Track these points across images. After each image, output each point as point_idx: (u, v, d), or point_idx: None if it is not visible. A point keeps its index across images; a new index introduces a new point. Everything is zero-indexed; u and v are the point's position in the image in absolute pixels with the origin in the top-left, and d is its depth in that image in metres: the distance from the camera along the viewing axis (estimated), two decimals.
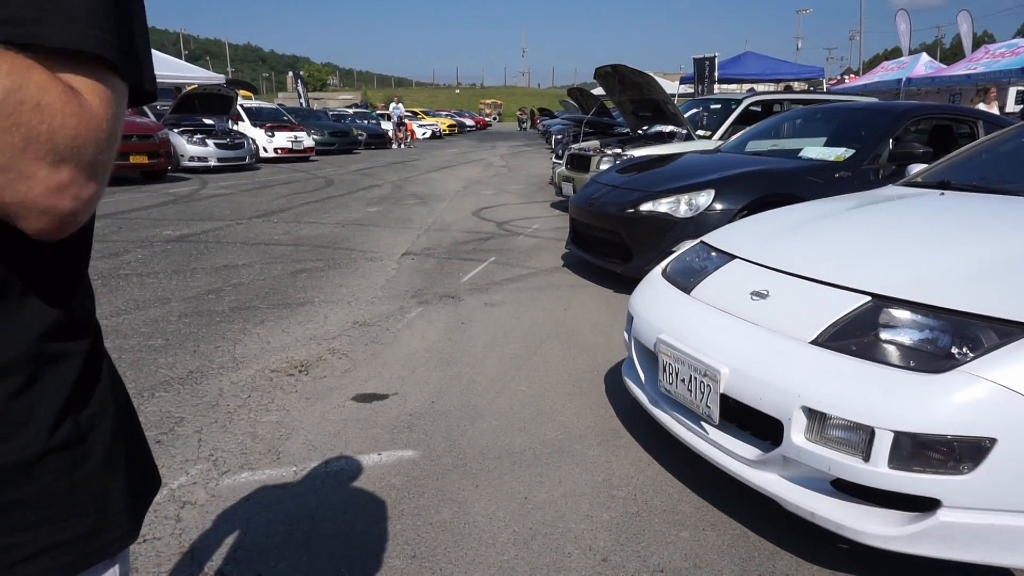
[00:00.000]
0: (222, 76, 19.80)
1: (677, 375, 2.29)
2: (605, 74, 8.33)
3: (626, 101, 8.61)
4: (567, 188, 8.18)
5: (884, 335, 1.92)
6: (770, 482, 2.01)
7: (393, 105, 26.43)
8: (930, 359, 1.80)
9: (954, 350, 1.78)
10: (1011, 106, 19.34)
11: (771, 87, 19.95)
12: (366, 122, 27.41)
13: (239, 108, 17.44)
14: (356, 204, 9.94)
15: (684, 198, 4.70)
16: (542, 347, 3.90)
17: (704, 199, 4.63)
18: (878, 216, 2.72)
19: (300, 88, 33.61)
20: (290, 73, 45.87)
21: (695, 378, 2.20)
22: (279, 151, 17.44)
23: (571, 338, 4.06)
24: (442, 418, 2.98)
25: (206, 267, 5.75)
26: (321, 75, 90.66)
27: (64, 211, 0.56)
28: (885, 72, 23.98)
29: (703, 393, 2.17)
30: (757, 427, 2.12)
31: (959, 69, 20.48)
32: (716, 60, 15.90)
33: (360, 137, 23.25)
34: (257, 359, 3.66)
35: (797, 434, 1.88)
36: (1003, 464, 1.65)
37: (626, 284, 4.98)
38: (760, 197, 4.59)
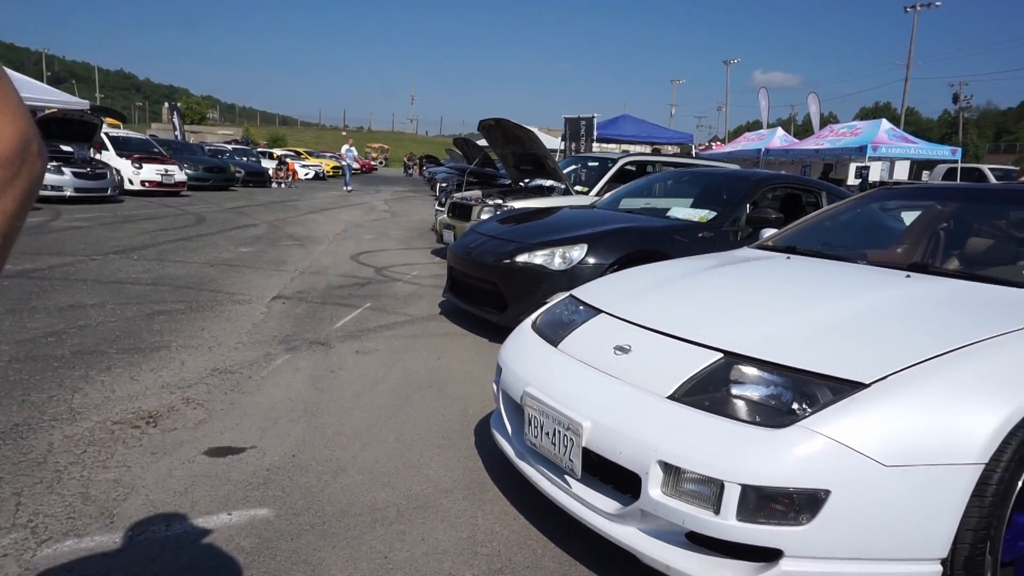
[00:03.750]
0: (87, 102, 18.52)
1: (542, 428, 2.29)
2: (488, 127, 8.51)
3: (508, 154, 8.81)
4: (448, 236, 8.20)
5: (735, 391, 2.02)
6: (629, 535, 2.03)
7: (346, 148, 25.32)
8: (773, 414, 1.89)
9: (795, 406, 1.89)
10: (851, 179, 21.52)
11: (646, 148, 21.13)
12: (245, 159, 26.47)
13: (103, 136, 16.39)
14: (227, 243, 9.49)
15: (558, 251, 4.82)
16: (413, 397, 3.82)
17: (577, 253, 4.77)
18: (731, 277, 2.89)
19: (176, 120, 32.12)
20: (166, 104, 43.86)
21: (559, 431, 2.20)
22: (147, 184, 16.45)
23: (443, 388, 4.00)
24: (302, 473, 2.83)
25: (48, 306, 5.25)
26: (200, 108, 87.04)
27: None
28: (747, 142, 26.10)
29: (566, 447, 2.18)
30: (618, 481, 2.15)
31: (809, 144, 22.61)
32: (595, 120, 16.67)
33: (238, 174, 22.41)
34: (98, 410, 3.34)
35: (654, 488, 1.92)
36: (837, 514, 1.74)
37: (502, 333, 4.99)
38: (630, 253, 4.78)
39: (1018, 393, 1.87)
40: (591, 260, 4.75)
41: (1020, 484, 1.86)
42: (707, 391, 2.04)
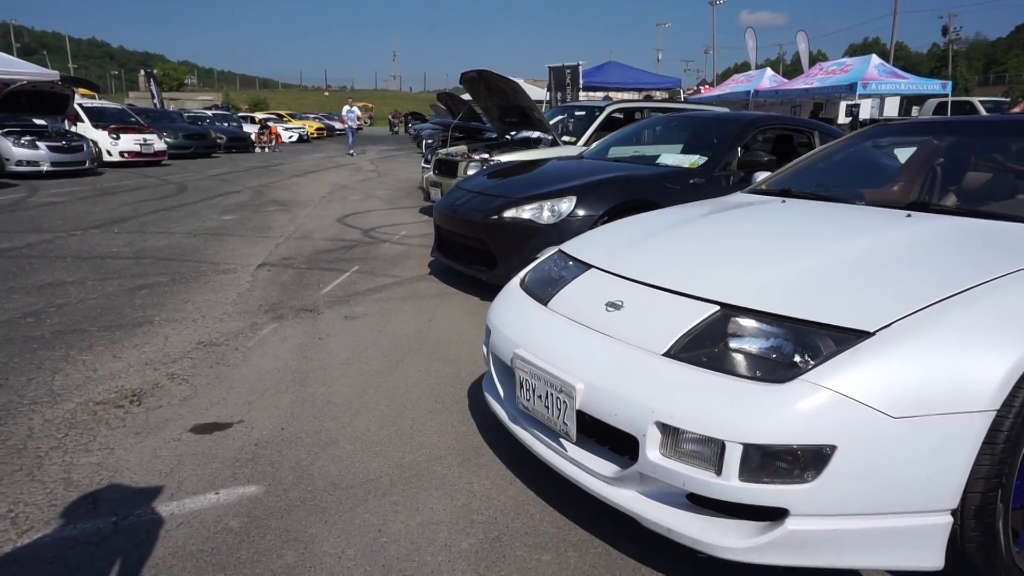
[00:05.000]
0: (56, 72, 17.99)
1: (534, 391, 2.20)
2: (471, 79, 8.26)
3: (492, 107, 8.58)
4: (435, 193, 8.04)
5: (733, 344, 1.92)
6: (628, 499, 1.96)
7: (347, 109, 24.28)
8: (775, 368, 1.81)
9: (796, 358, 1.80)
10: (841, 118, 21.23)
11: (633, 95, 20.74)
12: (226, 124, 25.94)
13: (78, 108, 15.96)
14: (210, 212, 9.30)
15: (546, 204, 4.68)
16: (404, 361, 3.73)
17: (566, 205, 4.64)
18: (725, 224, 2.78)
19: (153, 88, 31.36)
20: (142, 71, 42.80)
21: (551, 394, 2.12)
22: (126, 155, 16.12)
23: (435, 351, 3.92)
24: (291, 446, 2.75)
25: (26, 286, 5.12)
26: (178, 74, 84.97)
27: None
28: (736, 84, 25.68)
29: (559, 410, 2.09)
30: (615, 442, 2.07)
31: (799, 84, 22.27)
32: (580, 68, 16.27)
33: (219, 140, 21.98)
34: (80, 390, 3.25)
35: (652, 450, 1.84)
36: (843, 470, 1.67)
37: (492, 292, 4.89)
38: (620, 203, 4.65)
39: None
40: (580, 212, 4.62)
41: None
42: (704, 346, 1.95)
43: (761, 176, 3.74)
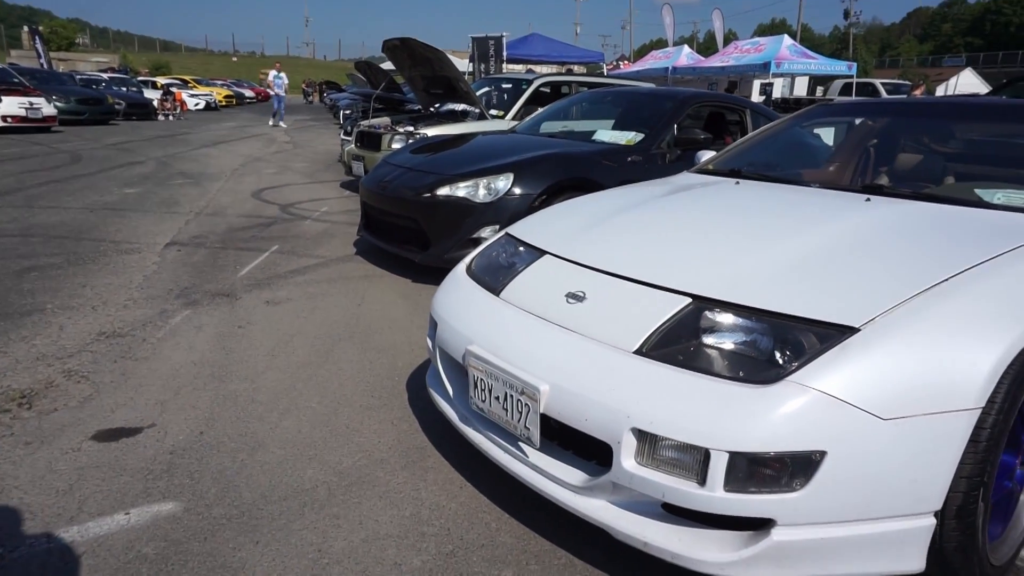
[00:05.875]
0: None
1: (491, 392, 2.01)
2: (394, 47, 7.86)
3: (416, 77, 8.22)
4: (357, 167, 7.65)
5: (709, 341, 1.79)
6: (598, 510, 1.81)
7: (274, 74, 21.44)
8: (758, 368, 1.68)
9: (778, 356, 1.68)
10: (755, 96, 21.81)
11: (555, 69, 20.57)
12: (125, 89, 24.15)
13: None
14: (110, 184, 8.56)
15: (482, 182, 4.46)
16: (335, 351, 3.46)
17: (503, 183, 4.43)
18: (682, 208, 2.64)
19: (39, 46, 28.91)
20: (25, 28, 39.34)
21: (511, 396, 1.93)
22: (9, 119, 14.70)
23: (367, 338, 3.66)
24: (212, 453, 2.46)
25: None
26: (67, 32, 78.54)
27: None
28: (655, 60, 25.95)
29: (520, 413, 1.91)
30: (581, 447, 1.91)
31: (715, 61, 22.71)
32: (504, 40, 15.95)
33: (118, 106, 20.43)
34: None
35: (628, 459, 1.69)
36: (832, 476, 1.56)
37: (425, 273, 4.68)
38: (558, 181, 4.49)
39: (1011, 328, 1.72)
40: (517, 190, 4.42)
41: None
42: (678, 343, 1.81)
43: (705, 155, 3.63)
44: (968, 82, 27.55)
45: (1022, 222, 2.22)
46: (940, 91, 29.49)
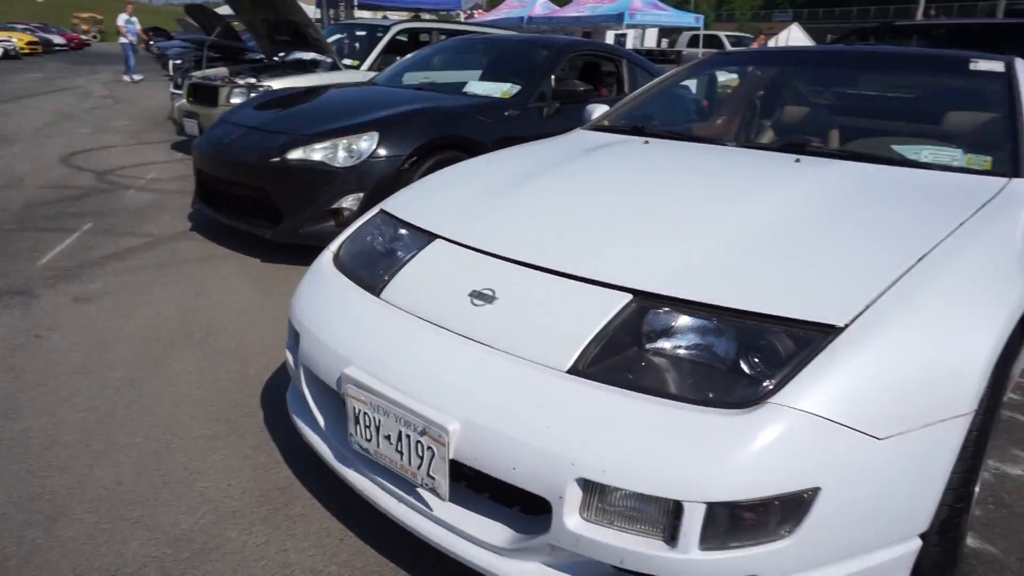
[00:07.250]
0: None
1: (379, 430, 1.53)
2: None
3: (258, 22, 7.25)
4: (190, 126, 6.66)
5: (661, 351, 1.41)
6: (531, 575, 1.40)
7: (124, 19, 17.03)
8: (729, 386, 1.32)
9: (746, 368, 1.33)
10: None
11: (405, 16, 19.56)
12: None
13: None
14: None
15: (342, 142, 3.84)
16: (166, 361, 2.80)
17: (366, 143, 3.84)
18: (593, 175, 2.22)
19: None
20: None
21: (408, 436, 1.46)
22: None
23: (208, 339, 3.01)
24: None
25: None
26: None
27: None
28: (510, 9, 25.41)
29: (421, 458, 1.45)
30: (504, 491, 1.49)
31: (570, 11, 22.61)
32: None
33: None
34: None
35: (571, 516, 1.28)
36: (826, 515, 1.25)
37: (277, 251, 4.04)
38: (430, 140, 3.96)
39: (998, 312, 1.48)
40: (383, 152, 3.85)
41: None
42: (622, 354, 1.41)
43: (597, 110, 3.23)
44: (796, 36, 29.31)
45: (965, 183, 2.02)
46: (772, 44, 31.20)
